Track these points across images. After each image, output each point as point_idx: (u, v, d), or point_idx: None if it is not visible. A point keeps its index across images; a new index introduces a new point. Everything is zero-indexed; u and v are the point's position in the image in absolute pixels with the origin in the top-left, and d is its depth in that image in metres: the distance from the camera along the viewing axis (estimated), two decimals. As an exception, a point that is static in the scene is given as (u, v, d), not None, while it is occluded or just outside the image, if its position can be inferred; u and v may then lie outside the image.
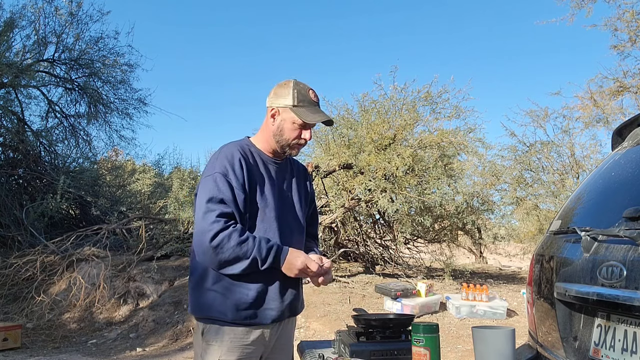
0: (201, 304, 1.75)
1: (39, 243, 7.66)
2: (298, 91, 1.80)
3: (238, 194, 1.71)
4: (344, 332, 1.98)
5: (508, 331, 1.43)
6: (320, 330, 5.44)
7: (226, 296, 1.71)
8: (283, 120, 1.80)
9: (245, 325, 1.73)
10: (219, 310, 1.71)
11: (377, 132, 7.23)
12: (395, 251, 8.92)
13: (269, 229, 1.77)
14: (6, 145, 9.82)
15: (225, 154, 1.77)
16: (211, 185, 1.70)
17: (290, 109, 1.79)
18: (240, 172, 1.73)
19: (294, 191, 1.92)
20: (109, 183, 10.93)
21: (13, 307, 6.76)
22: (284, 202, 1.86)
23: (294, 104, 1.79)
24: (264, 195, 1.79)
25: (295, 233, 1.87)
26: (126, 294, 6.96)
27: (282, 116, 1.80)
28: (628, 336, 1.35)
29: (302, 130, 1.81)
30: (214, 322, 1.73)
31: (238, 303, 1.71)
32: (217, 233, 1.62)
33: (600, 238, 1.50)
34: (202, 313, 1.76)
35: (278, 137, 1.81)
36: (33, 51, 9.60)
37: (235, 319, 1.71)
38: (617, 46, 8.40)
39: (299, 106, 1.79)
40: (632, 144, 1.82)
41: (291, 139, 1.81)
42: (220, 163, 1.74)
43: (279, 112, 1.81)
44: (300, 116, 1.78)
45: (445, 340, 5.03)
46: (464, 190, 7.48)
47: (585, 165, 10.54)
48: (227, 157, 1.75)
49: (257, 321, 1.74)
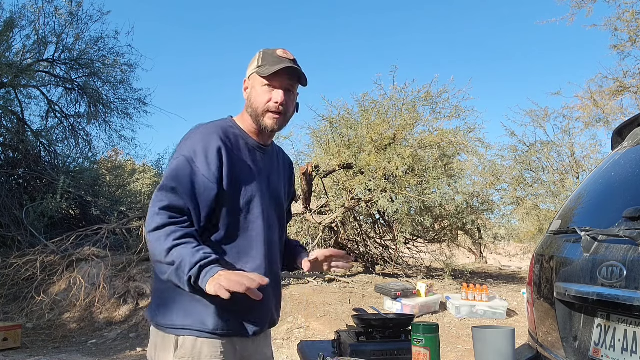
0: (172, 310, 1.47)
1: (39, 243, 7.65)
2: (264, 53, 1.58)
3: (204, 183, 1.45)
4: (344, 332, 1.98)
5: (508, 331, 1.43)
6: (320, 330, 5.44)
7: (204, 301, 1.44)
8: (251, 87, 1.58)
9: (225, 336, 1.48)
10: (196, 318, 1.45)
11: (377, 132, 7.23)
12: (395, 251, 8.92)
13: (252, 226, 1.54)
14: (6, 145, 9.81)
15: (200, 135, 1.51)
16: (170, 170, 1.47)
17: (255, 73, 1.56)
18: (216, 159, 1.47)
19: (279, 185, 1.70)
20: (109, 183, 10.92)
21: (13, 307, 6.76)
22: (270, 195, 1.63)
23: (258, 64, 1.56)
24: (249, 188, 1.54)
25: (279, 230, 1.68)
26: (126, 294, 6.96)
27: (250, 83, 1.59)
28: (628, 336, 1.35)
29: (270, 93, 1.54)
30: (190, 334, 1.45)
31: (220, 310, 1.45)
32: (155, 229, 1.39)
33: (600, 238, 1.50)
34: (173, 321, 1.47)
35: (250, 109, 1.58)
36: (33, 51, 9.60)
37: (216, 328, 1.46)
38: (617, 46, 8.41)
39: (262, 65, 1.55)
40: (632, 144, 1.82)
41: (261, 105, 1.54)
42: (190, 146, 1.48)
43: (248, 82, 1.60)
44: (262, 73, 1.53)
45: (445, 340, 5.03)
46: (464, 190, 7.49)
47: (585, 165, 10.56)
48: (202, 140, 1.49)
49: (240, 332, 1.51)
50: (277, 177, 1.69)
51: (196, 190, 1.45)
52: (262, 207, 1.57)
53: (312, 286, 6.79)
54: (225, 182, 1.49)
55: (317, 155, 7.96)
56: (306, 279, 7.07)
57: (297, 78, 1.58)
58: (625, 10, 8.06)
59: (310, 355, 1.94)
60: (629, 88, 9.00)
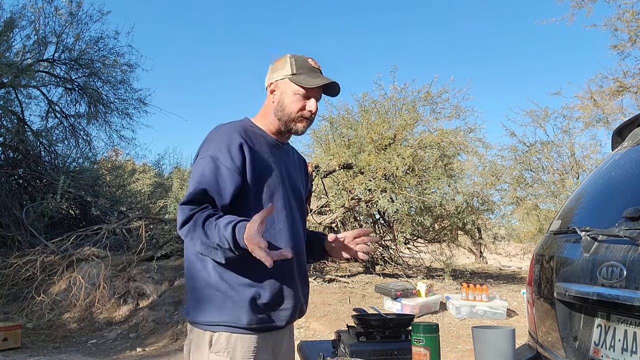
0: (207, 307, 1.52)
1: (39, 243, 7.65)
2: (296, 59, 1.62)
3: (230, 176, 1.50)
4: (344, 332, 1.98)
5: (508, 331, 1.43)
6: (320, 330, 5.44)
7: (236, 297, 1.50)
8: (283, 92, 1.61)
9: (259, 330, 1.52)
10: (230, 314, 1.49)
11: (377, 132, 7.23)
12: (395, 251, 8.92)
13: (277, 219, 1.58)
14: (6, 145, 9.81)
15: (222, 135, 1.56)
16: (195, 170, 1.53)
17: (289, 78, 1.60)
18: (239, 154, 1.53)
19: (297, 179, 1.74)
20: (109, 183, 10.93)
21: (13, 307, 6.76)
22: (292, 189, 1.68)
23: (293, 72, 1.60)
24: (271, 181, 1.59)
25: (302, 224, 1.71)
26: (126, 294, 6.96)
27: (281, 88, 1.62)
28: (628, 336, 1.35)
29: (305, 101, 1.61)
30: (225, 330, 1.50)
31: (252, 304, 1.50)
32: (182, 224, 1.45)
33: (600, 238, 1.50)
34: (207, 318, 1.51)
35: (280, 113, 1.62)
36: (33, 51, 9.60)
37: (250, 323, 1.50)
38: (617, 46, 8.41)
39: (298, 74, 1.60)
40: (632, 144, 1.82)
41: (294, 111, 1.60)
42: (214, 145, 1.53)
43: (278, 86, 1.62)
44: (301, 83, 1.58)
45: (445, 340, 5.03)
46: (464, 190, 7.49)
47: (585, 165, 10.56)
48: (224, 138, 1.54)
49: (272, 325, 1.55)
50: (295, 172, 1.74)
51: (223, 184, 1.49)
52: (284, 199, 1.62)
53: (312, 286, 6.80)
54: (248, 175, 1.54)
55: (317, 155, 7.96)
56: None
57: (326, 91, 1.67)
58: (625, 10, 8.06)
59: (310, 355, 1.94)
60: (629, 88, 9.01)
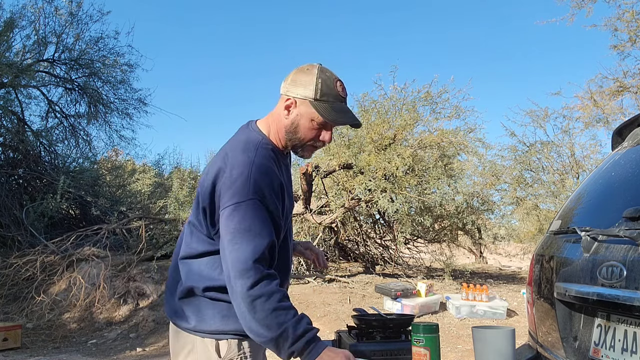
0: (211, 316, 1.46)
1: (39, 243, 7.65)
2: (323, 81, 1.45)
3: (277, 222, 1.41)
4: (344, 332, 1.98)
5: (508, 331, 1.43)
6: (320, 330, 5.43)
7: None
8: (299, 115, 1.46)
9: None
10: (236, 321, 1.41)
11: (377, 132, 7.23)
12: (395, 251, 8.93)
13: (287, 243, 1.57)
14: (6, 145, 9.81)
15: (261, 171, 1.39)
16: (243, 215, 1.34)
17: (310, 102, 1.44)
18: (279, 195, 1.42)
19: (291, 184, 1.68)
20: (109, 183, 10.93)
21: (13, 307, 6.76)
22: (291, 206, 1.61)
23: (316, 97, 1.44)
24: (287, 204, 1.52)
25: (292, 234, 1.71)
26: (126, 294, 6.96)
27: (299, 110, 1.46)
28: (628, 336, 1.35)
29: (321, 131, 1.48)
30: (233, 337, 1.46)
31: None
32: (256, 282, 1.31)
33: (600, 238, 1.50)
34: (214, 327, 1.46)
35: (291, 134, 1.49)
36: (33, 51, 9.60)
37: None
38: (617, 46, 8.41)
39: (321, 100, 1.44)
40: (632, 144, 1.82)
41: (307, 139, 1.49)
42: (256, 186, 1.36)
43: (296, 104, 1.46)
44: (322, 113, 1.44)
45: (445, 340, 5.03)
46: (464, 190, 7.49)
47: (585, 165, 10.56)
48: (265, 177, 1.39)
49: None
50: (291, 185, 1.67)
51: (272, 231, 1.39)
52: (289, 221, 1.59)
53: (312, 286, 6.80)
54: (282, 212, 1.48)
55: (317, 155, 7.97)
56: (306, 279, 7.07)
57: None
58: (625, 10, 8.07)
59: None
60: (629, 88, 9.01)
